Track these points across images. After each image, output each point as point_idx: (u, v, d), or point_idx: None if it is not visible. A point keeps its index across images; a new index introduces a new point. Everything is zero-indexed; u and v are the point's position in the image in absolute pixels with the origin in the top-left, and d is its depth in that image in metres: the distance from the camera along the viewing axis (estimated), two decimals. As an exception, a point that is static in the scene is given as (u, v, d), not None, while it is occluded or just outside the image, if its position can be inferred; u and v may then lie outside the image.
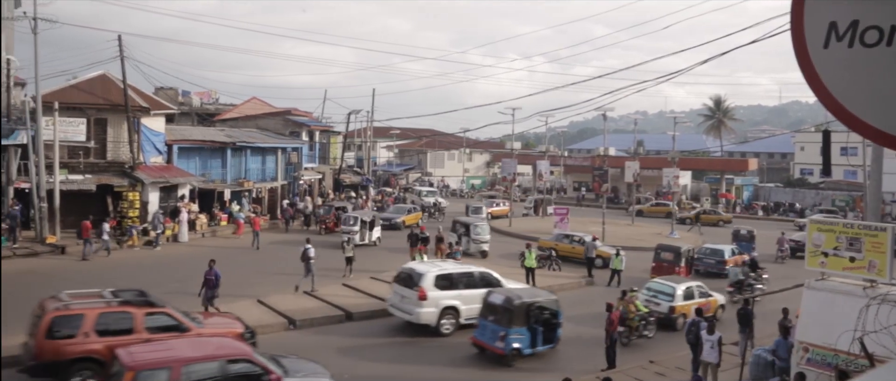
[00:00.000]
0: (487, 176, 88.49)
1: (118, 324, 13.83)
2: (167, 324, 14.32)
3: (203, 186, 37.82)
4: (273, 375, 12.15)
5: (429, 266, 20.51)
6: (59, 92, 32.71)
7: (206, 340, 13.47)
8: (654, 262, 28.76)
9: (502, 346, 16.37)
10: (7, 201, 29.81)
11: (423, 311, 18.66)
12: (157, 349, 12.08)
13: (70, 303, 13.84)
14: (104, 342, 13.30)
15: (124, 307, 14.25)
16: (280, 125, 51.07)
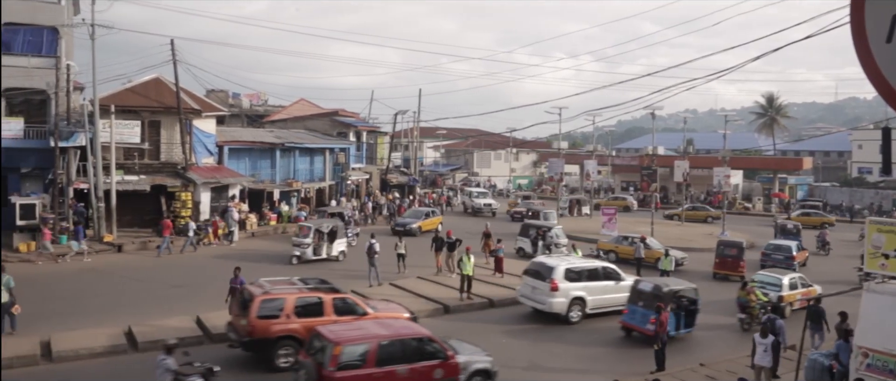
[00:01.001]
0: (534, 176, 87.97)
1: (311, 307, 15.77)
2: (349, 307, 16.21)
3: (253, 186, 38.48)
4: (449, 352, 13.63)
5: (558, 260, 22.20)
6: (115, 95, 33.67)
7: (390, 321, 15.09)
8: (717, 257, 29.58)
9: (652, 328, 17.36)
10: (68, 201, 30.79)
11: (554, 301, 20.33)
12: (354, 328, 13.78)
13: (271, 289, 15.86)
14: (301, 322, 15.30)
15: (315, 292, 16.27)
16: (327, 126, 51.64)
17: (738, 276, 27.28)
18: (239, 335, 15.25)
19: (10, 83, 31.66)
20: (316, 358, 12.73)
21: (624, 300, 20.02)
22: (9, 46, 31.98)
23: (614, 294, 21.14)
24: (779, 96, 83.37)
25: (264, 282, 16.48)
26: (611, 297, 21.16)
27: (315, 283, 17.16)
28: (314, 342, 13.27)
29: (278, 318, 15.24)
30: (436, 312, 21.10)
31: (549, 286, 20.32)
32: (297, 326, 15.25)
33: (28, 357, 15.33)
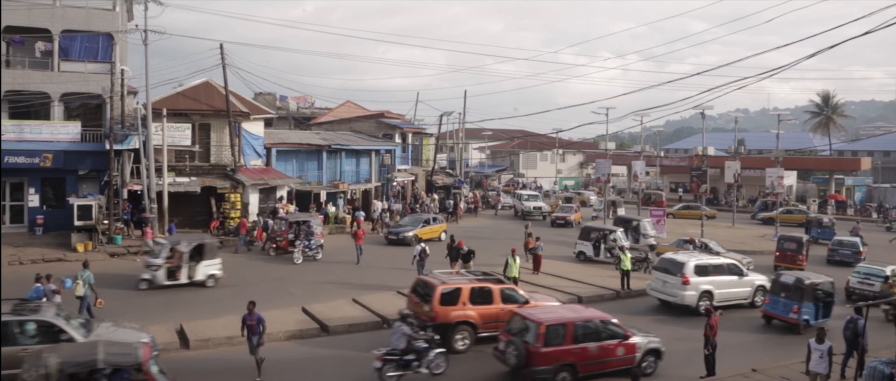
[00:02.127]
0: (580, 177, 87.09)
1: (483, 295, 17.73)
2: (513, 297, 18.17)
3: (300, 187, 38.90)
4: (628, 333, 15.86)
5: (688, 256, 23.92)
6: (166, 99, 34.42)
7: (576, 307, 18.02)
8: (777, 251, 31.76)
9: (795, 317, 20.30)
10: (122, 202, 31.59)
11: (686, 293, 22.24)
12: (548, 311, 16.16)
13: (448, 279, 18.15)
14: (475, 309, 17.39)
15: (485, 283, 18.27)
16: (373, 128, 51.93)
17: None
18: (420, 320, 16.80)
19: (68, 88, 32.68)
20: (520, 336, 14.88)
21: (746, 294, 23.31)
22: (67, 52, 33.01)
23: (738, 289, 23.36)
24: (835, 95, 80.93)
25: (440, 274, 19.16)
26: (735, 291, 23.29)
27: (480, 275, 19.62)
28: (514, 323, 15.58)
29: (456, 305, 17.23)
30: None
31: (680, 280, 22.21)
32: (473, 312, 17.38)
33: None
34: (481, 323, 17.37)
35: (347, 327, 19.01)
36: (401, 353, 14.76)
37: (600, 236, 31.76)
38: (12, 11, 31.53)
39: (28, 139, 31.27)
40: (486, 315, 17.47)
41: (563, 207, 47.95)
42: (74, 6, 32.80)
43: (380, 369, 14.57)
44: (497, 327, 16.80)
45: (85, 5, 33.00)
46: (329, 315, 19.62)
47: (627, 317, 19.97)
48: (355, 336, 18.54)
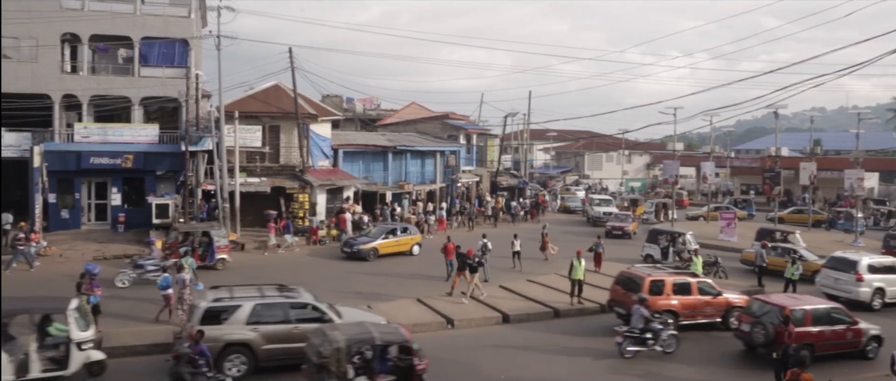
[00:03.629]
0: (647, 178, 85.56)
1: (683, 287, 19.55)
2: (709, 289, 19.95)
3: (366, 188, 39.50)
4: (855, 318, 17.62)
5: (858, 255, 24.55)
6: (238, 102, 35.51)
7: (805, 297, 19.13)
8: (883, 249, 31.95)
9: None
10: (197, 201, 32.75)
11: (860, 290, 22.98)
12: (787, 299, 18.21)
13: (651, 272, 20.01)
14: (678, 299, 19.15)
15: (684, 276, 20.18)
16: (438, 129, 52.28)
17: None
18: (628, 308, 18.19)
19: (147, 92, 34.15)
20: (765, 318, 16.76)
21: None
22: (146, 58, 34.49)
23: None
24: (920, 92, 77.04)
25: (642, 268, 20.96)
26: None
27: (673, 269, 21.58)
28: (755, 307, 17.72)
29: (661, 295, 18.86)
30: (545, 315, 20.84)
31: (854, 278, 23.08)
32: (675, 302, 18.99)
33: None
34: (682, 312, 19.07)
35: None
36: (639, 332, 16.75)
37: (669, 239, 31.13)
38: (98, 21, 33.20)
39: (111, 141, 32.87)
40: (686, 305, 19.31)
41: (619, 215, 43.16)
42: (153, 14, 34.25)
43: (620, 344, 16.71)
44: (694, 315, 19.28)
45: (163, 13, 34.43)
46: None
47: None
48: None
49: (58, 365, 13.45)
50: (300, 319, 15.17)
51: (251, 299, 15.01)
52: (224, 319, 14.55)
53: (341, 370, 11.74)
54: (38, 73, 32.81)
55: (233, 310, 14.69)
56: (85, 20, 33.16)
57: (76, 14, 33.06)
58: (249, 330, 14.57)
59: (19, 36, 32.33)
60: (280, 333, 14.75)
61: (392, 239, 30.27)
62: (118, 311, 19.18)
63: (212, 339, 13.74)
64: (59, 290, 18.51)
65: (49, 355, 13.58)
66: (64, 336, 13.70)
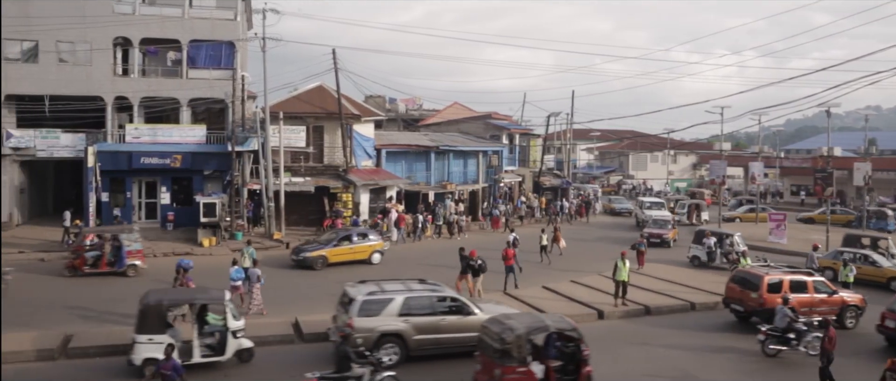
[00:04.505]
0: (693, 179, 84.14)
1: (799, 286, 20.05)
2: (825, 288, 20.54)
3: (409, 188, 39.66)
4: None
5: None
6: (283, 103, 36.00)
7: None
8: None
9: None
10: (243, 200, 33.30)
11: None
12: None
13: (769, 271, 20.64)
14: (795, 297, 19.08)
15: (800, 275, 20.83)
16: (480, 129, 52.20)
17: None
18: (747, 306, 19.72)
19: (194, 94, 34.88)
20: None
21: None
22: (194, 61, 35.23)
23: None
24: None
25: (760, 267, 21.53)
26: None
27: (786, 268, 21.73)
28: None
29: (779, 293, 19.23)
30: (588, 317, 20.61)
31: None
32: (792, 299, 18.78)
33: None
34: (799, 310, 18.64)
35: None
36: (782, 331, 17.02)
37: (717, 240, 30.51)
38: (148, 25, 34.09)
39: (161, 142, 33.67)
40: (803, 303, 19.39)
41: (659, 220, 39.02)
42: (200, 18, 34.95)
43: (763, 342, 17.13)
44: (810, 313, 18.93)
45: (210, 16, 35.11)
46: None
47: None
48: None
49: (215, 352, 14.82)
50: (445, 311, 16.24)
51: (402, 293, 16.07)
52: (378, 311, 15.52)
53: (522, 354, 12.79)
54: (92, 75, 33.79)
55: (386, 303, 15.70)
56: (136, 24, 34.05)
57: (128, 18, 33.95)
58: (401, 322, 15.58)
59: (75, 40, 33.35)
60: (428, 324, 15.81)
61: (345, 246, 27.27)
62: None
63: (367, 329, 15.00)
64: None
65: (207, 342, 14.89)
66: (220, 325, 15.06)
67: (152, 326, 14.17)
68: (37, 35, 32.69)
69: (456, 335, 15.94)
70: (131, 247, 24.69)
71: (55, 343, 15.99)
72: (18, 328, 16.71)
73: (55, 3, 32.71)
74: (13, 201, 33.16)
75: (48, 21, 31.95)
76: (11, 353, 15.17)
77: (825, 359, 14.92)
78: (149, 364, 13.45)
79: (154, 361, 13.20)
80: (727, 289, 21.18)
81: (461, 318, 16.08)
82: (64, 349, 15.91)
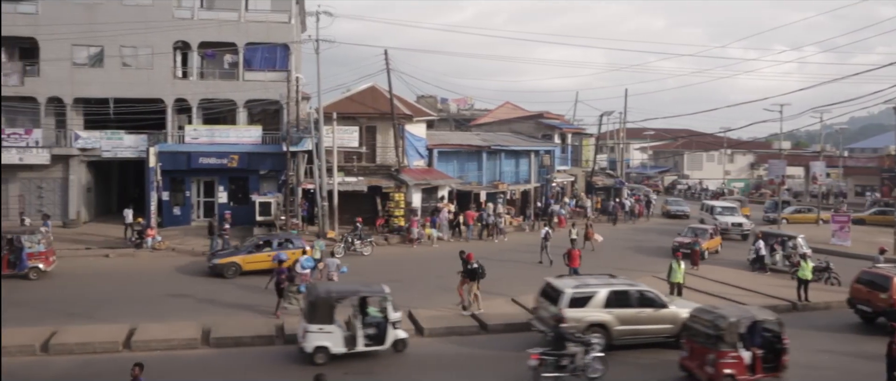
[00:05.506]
0: (751, 179, 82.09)
1: None
2: None
3: (460, 187, 39.73)
4: None
5: None
6: (336, 104, 36.48)
7: None
8: None
9: None
10: (298, 200, 33.89)
11: None
12: None
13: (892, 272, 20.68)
14: None
15: None
16: (532, 128, 51.98)
17: None
18: (875, 307, 19.87)
19: (250, 95, 35.68)
20: None
21: None
22: (250, 63, 36.02)
23: None
24: None
25: (890, 268, 21.55)
26: None
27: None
28: None
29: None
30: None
31: None
32: None
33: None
34: None
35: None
36: None
37: (778, 242, 29.53)
38: (206, 29, 34.95)
39: (218, 142, 34.54)
40: None
41: (697, 229, 33.27)
42: (256, 21, 35.73)
43: None
44: None
45: (264, 20, 35.84)
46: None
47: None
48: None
49: (375, 341, 15.82)
50: (642, 303, 17.20)
51: (605, 287, 17.29)
52: (584, 303, 16.70)
53: (733, 340, 13.94)
54: (154, 79, 34.88)
55: (591, 296, 16.87)
56: (194, 28, 34.99)
57: (187, 23, 34.91)
58: (605, 313, 16.71)
59: (137, 45, 34.50)
60: (629, 316, 16.89)
61: (263, 253, 25.13)
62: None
63: (576, 319, 16.13)
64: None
65: (369, 332, 15.81)
66: (381, 316, 16.08)
67: (322, 316, 15.38)
68: (102, 41, 33.98)
69: (651, 326, 17.07)
70: (34, 249, 23.44)
71: (119, 337, 16.64)
72: None
73: (120, 9, 33.93)
74: (81, 200, 34.53)
75: (113, 27, 33.15)
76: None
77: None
78: (319, 352, 15.15)
79: (324, 349, 15.19)
80: (853, 290, 21.11)
81: (656, 311, 17.12)
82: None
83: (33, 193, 34.13)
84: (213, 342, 16.66)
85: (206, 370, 15.11)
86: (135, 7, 34.18)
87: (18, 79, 34.10)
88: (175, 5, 35.06)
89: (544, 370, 14.14)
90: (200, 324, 17.65)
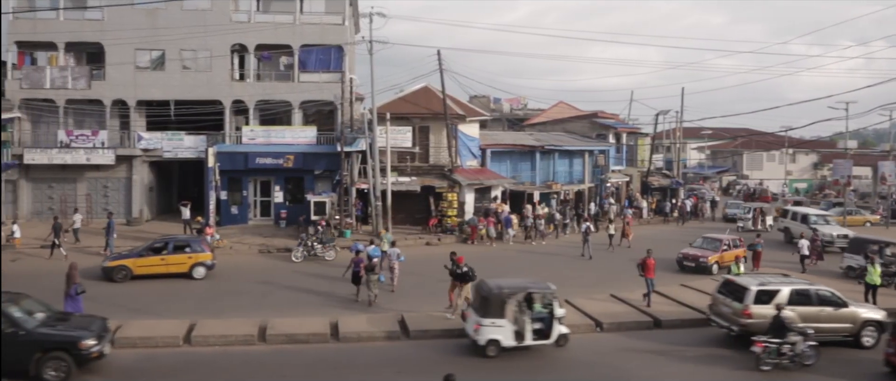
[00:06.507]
0: (814, 179, 79.45)
1: None
2: None
3: (514, 187, 39.51)
4: None
5: None
6: (389, 104, 36.70)
7: None
8: None
9: None
10: (352, 199, 34.21)
11: None
12: None
13: None
14: None
15: None
16: (586, 128, 51.37)
17: None
18: None
19: (305, 96, 36.19)
20: None
21: None
22: (304, 65, 36.53)
23: None
24: None
25: None
26: None
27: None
28: None
29: None
30: (699, 322, 19.51)
31: None
32: None
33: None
34: None
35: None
36: None
37: (877, 249, 26.54)
38: (263, 31, 35.60)
39: (274, 142, 35.15)
40: None
41: (709, 239, 29.03)
42: (310, 23, 36.22)
43: None
44: None
45: (319, 21, 36.30)
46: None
47: None
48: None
49: (541, 336, 16.44)
50: (822, 302, 17.71)
51: (788, 285, 17.95)
52: (769, 300, 17.18)
53: None
54: (212, 81, 35.71)
55: (775, 293, 17.43)
56: (251, 31, 35.69)
57: (244, 26, 35.64)
58: (789, 311, 16.88)
59: (196, 48, 35.37)
60: (811, 314, 17.30)
61: (156, 257, 23.88)
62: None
63: (762, 316, 16.75)
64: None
65: (536, 327, 16.42)
66: (546, 312, 16.67)
67: (494, 311, 16.05)
68: (164, 45, 34.93)
69: (831, 324, 17.43)
70: None
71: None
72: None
73: (180, 14, 34.83)
74: (143, 199, 35.59)
75: (174, 31, 34.05)
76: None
77: None
78: (491, 345, 15.92)
79: (495, 342, 15.93)
80: None
81: (835, 310, 17.59)
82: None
83: (99, 192, 35.41)
84: (269, 339, 16.90)
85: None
86: (194, 11, 35.05)
87: (86, 82, 35.37)
88: (232, 9, 35.82)
89: (767, 356, 15.33)
90: (256, 321, 17.94)
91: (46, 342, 13.68)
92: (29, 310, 14.43)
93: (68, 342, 13.74)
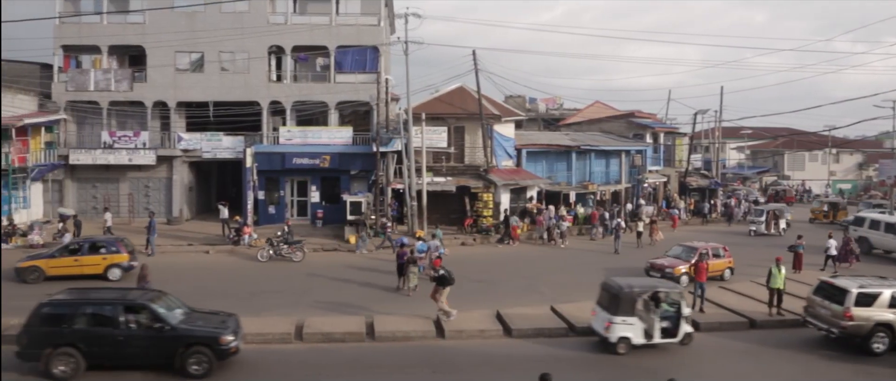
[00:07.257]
0: (859, 180, 77.51)
1: None
2: None
3: (549, 188, 39.31)
4: None
5: None
6: (425, 104, 36.79)
7: None
8: None
9: None
10: (387, 199, 34.37)
11: None
12: None
13: None
14: None
15: None
16: (623, 128, 50.87)
17: None
18: None
19: (341, 97, 36.45)
20: None
21: None
22: (340, 65, 36.81)
23: None
24: None
25: None
26: None
27: None
28: None
29: None
30: (739, 325, 19.34)
31: None
32: None
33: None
34: None
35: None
36: None
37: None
38: (299, 33, 35.98)
39: (310, 143, 35.49)
40: None
41: (686, 248, 25.79)
42: (346, 24, 36.48)
43: None
44: None
45: (355, 23, 36.55)
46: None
47: None
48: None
49: (668, 334, 16.78)
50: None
51: (889, 288, 17.62)
52: (870, 303, 17.13)
53: None
54: (250, 82, 36.19)
55: (876, 296, 17.30)
56: (288, 33, 36.09)
57: (281, 28, 36.06)
58: (890, 313, 17.04)
59: (234, 50, 35.88)
60: None
61: (69, 258, 23.24)
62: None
63: (863, 318, 16.86)
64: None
65: (664, 325, 16.78)
66: (673, 311, 16.98)
67: (625, 309, 16.40)
68: (203, 47, 35.51)
69: None
70: None
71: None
72: None
73: (218, 17, 35.35)
74: (183, 198, 36.25)
75: (212, 34, 34.60)
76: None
77: None
78: (622, 342, 16.24)
79: (626, 339, 16.26)
80: None
81: None
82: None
83: (141, 191, 36.16)
84: (306, 337, 17.04)
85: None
86: (232, 14, 35.55)
87: (128, 84, 36.12)
88: (269, 11, 36.25)
89: None
90: (293, 319, 18.11)
91: (189, 337, 14.17)
92: (170, 306, 14.96)
93: (210, 338, 14.23)
